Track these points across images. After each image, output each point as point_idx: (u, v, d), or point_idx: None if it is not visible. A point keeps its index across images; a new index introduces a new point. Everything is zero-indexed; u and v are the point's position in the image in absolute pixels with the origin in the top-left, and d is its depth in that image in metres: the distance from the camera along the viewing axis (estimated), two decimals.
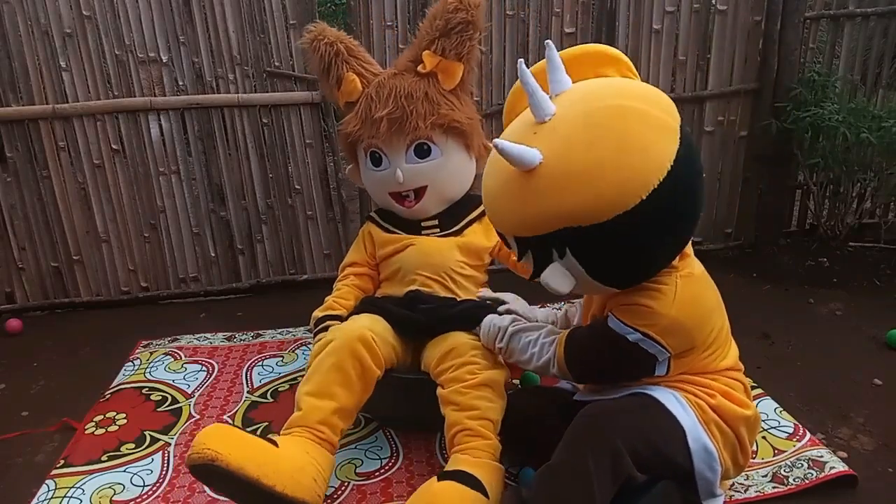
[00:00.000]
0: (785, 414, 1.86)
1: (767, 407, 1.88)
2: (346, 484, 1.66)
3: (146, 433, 1.90)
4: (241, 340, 2.46)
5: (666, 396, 1.39)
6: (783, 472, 1.63)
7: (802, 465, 1.65)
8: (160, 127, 2.64)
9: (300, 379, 2.11)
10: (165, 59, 2.57)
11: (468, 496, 1.43)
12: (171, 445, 1.85)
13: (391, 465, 1.74)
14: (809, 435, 1.76)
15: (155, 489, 1.68)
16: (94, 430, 1.93)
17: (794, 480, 1.60)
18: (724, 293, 1.46)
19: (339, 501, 1.61)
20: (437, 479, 1.47)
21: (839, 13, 2.86)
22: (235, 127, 2.68)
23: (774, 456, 1.69)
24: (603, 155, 1.22)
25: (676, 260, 1.38)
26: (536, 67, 1.42)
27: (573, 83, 1.38)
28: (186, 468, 1.42)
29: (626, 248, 1.28)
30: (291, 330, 2.51)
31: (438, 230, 1.94)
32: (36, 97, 2.54)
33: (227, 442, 1.39)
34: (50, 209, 2.66)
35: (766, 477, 1.61)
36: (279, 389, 2.11)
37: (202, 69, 2.61)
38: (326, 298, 1.95)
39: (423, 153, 1.86)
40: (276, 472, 1.40)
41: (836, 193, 2.95)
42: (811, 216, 3.08)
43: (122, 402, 2.07)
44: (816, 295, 2.60)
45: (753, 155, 2.93)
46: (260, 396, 2.08)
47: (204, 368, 2.25)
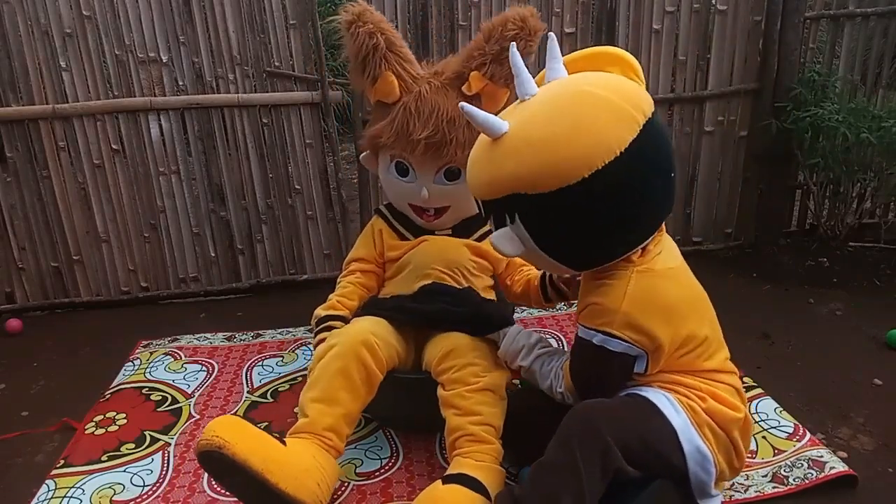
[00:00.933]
0: (785, 414, 1.86)
1: (767, 407, 1.88)
2: (346, 484, 1.66)
3: (146, 433, 1.90)
4: (241, 340, 2.46)
5: (657, 397, 1.40)
6: (783, 471, 1.63)
7: (802, 465, 1.65)
8: (160, 127, 2.64)
9: (300, 379, 2.15)
10: (165, 59, 2.57)
11: (473, 500, 1.43)
12: (171, 445, 1.85)
13: (391, 465, 1.74)
14: (809, 435, 1.76)
15: (155, 489, 1.68)
16: (94, 430, 1.93)
17: (794, 480, 1.60)
18: (724, 293, 1.47)
19: (339, 501, 1.61)
20: (441, 482, 1.47)
21: (839, 13, 2.86)
22: (235, 127, 2.68)
23: (774, 456, 1.69)
24: (557, 130, 1.30)
25: (637, 255, 1.39)
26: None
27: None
28: (195, 455, 1.45)
29: (566, 222, 1.34)
30: (291, 330, 2.51)
31: (451, 234, 1.92)
32: (36, 97, 2.54)
33: (236, 433, 1.40)
34: (50, 209, 2.66)
35: (766, 477, 1.62)
36: (279, 389, 2.11)
37: (202, 69, 2.61)
38: (330, 296, 1.91)
39: (452, 176, 1.80)
40: (280, 469, 1.40)
41: (836, 193, 2.95)
42: (811, 216, 3.07)
43: (122, 402, 2.07)
44: (816, 295, 2.60)
45: (753, 155, 2.93)
46: (260, 396, 2.08)
47: (204, 368, 2.25)
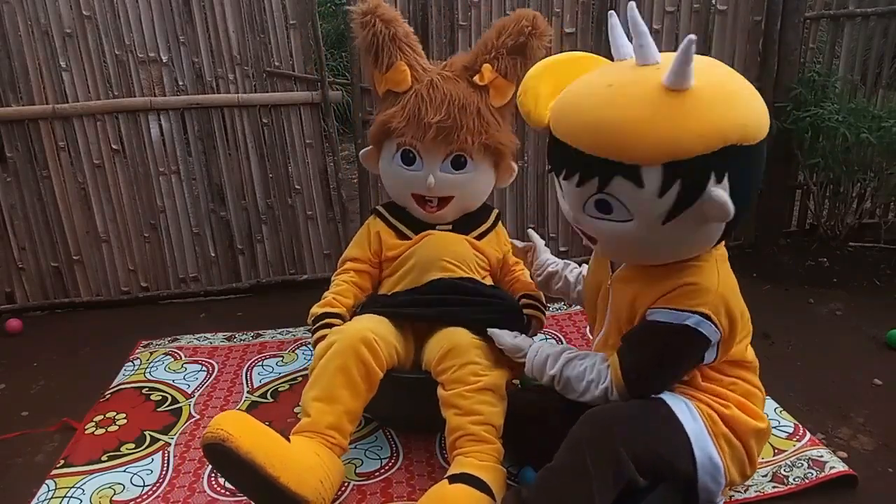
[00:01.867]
0: (785, 414, 1.86)
1: (767, 407, 1.86)
2: (346, 484, 1.66)
3: (146, 433, 1.90)
4: (241, 340, 2.46)
5: (677, 403, 1.38)
6: (783, 471, 1.63)
7: (802, 464, 1.65)
8: (160, 127, 2.64)
9: (300, 379, 2.15)
10: (165, 59, 2.57)
11: (480, 500, 1.43)
12: (171, 445, 1.85)
13: (391, 465, 1.74)
14: (809, 435, 1.77)
15: (155, 489, 1.68)
16: (94, 430, 1.93)
17: (794, 480, 1.60)
18: None
19: (339, 501, 1.61)
20: (448, 482, 1.47)
21: (839, 13, 2.86)
22: (235, 127, 2.68)
23: (774, 456, 1.69)
24: (744, 86, 1.26)
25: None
26: (549, 68, 1.43)
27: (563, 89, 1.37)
28: (200, 447, 1.47)
29: (754, 182, 1.28)
30: (291, 330, 2.51)
31: (451, 230, 1.92)
32: (36, 97, 2.53)
33: (241, 427, 1.42)
34: (50, 209, 2.66)
35: (766, 477, 1.62)
36: (279, 389, 2.11)
37: (202, 69, 2.61)
38: (325, 294, 1.92)
39: (459, 165, 1.82)
40: (283, 464, 1.41)
41: (836, 193, 2.95)
42: (811, 216, 3.07)
43: (122, 402, 2.07)
44: (816, 295, 2.60)
45: None
46: (260, 396, 2.08)
47: (204, 368, 2.25)
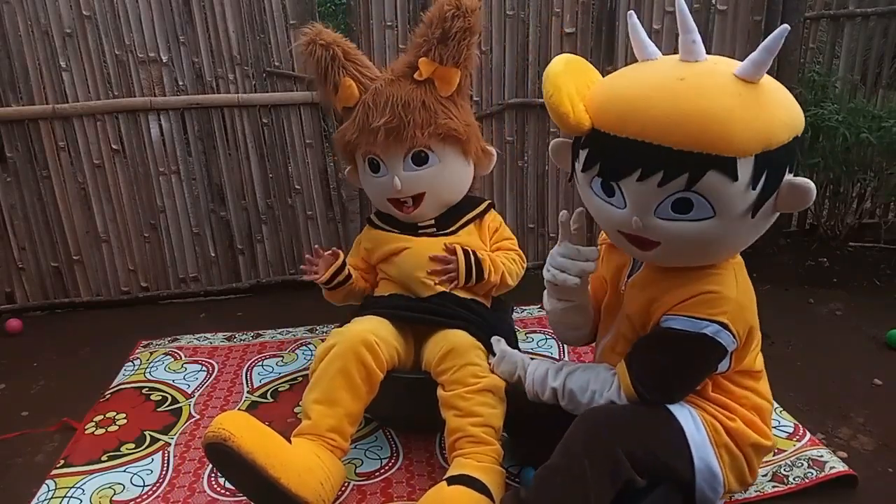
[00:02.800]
0: (785, 414, 1.86)
1: None
2: (346, 484, 1.66)
3: (146, 433, 1.90)
4: (241, 340, 2.46)
5: (681, 411, 1.37)
6: (783, 471, 1.63)
7: (802, 464, 1.65)
8: (160, 127, 2.64)
9: (300, 379, 2.15)
10: (165, 59, 2.57)
11: (479, 501, 1.43)
12: (171, 445, 1.85)
13: (391, 465, 1.74)
14: (809, 435, 1.77)
15: (155, 489, 1.68)
16: (94, 430, 1.93)
17: (794, 480, 1.60)
18: None
19: (339, 501, 1.61)
20: (446, 483, 1.47)
21: (839, 13, 2.86)
22: (235, 127, 2.68)
23: (774, 456, 1.68)
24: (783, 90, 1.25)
25: None
26: (569, 65, 1.29)
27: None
28: (201, 446, 1.47)
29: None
30: (291, 330, 2.51)
31: (435, 230, 1.94)
32: (36, 97, 2.54)
33: (242, 427, 1.42)
34: (50, 209, 2.66)
35: (766, 476, 1.61)
36: (279, 389, 2.11)
37: (202, 69, 2.61)
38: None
39: (420, 161, 1.84)
40: (283, 465, 1.42)
41: (836, 193, 2.95)
42: (811, 216, 3.08)
43: (122, 402, 2.07)
44: (816, 295, 2.60)
45: None
46: (260, 396, 2.08)
47: (204, 368, 2.25)
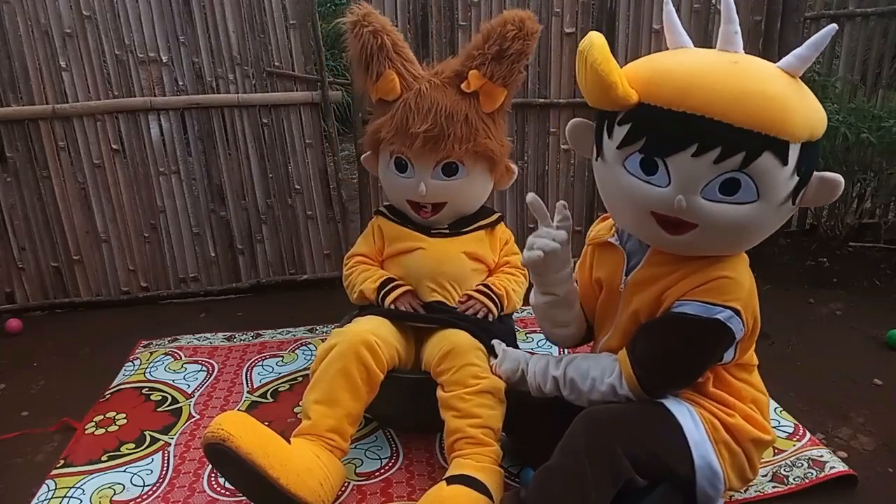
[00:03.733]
0: (785, 414, 1.86)
1: None
2: (346, 484, 1.66)
3: (146, 433, 1.90)
4: (241, 340, 2.46)
5: (679, 408, 1.37)
6: (783, 471, 1.63)
7: (802, 464, 1.65)
8: (160, 127, 2.64)
9: (300, 379, 2.15)
10: (165, 59, 2.57)
11: (478, 501, 1.44)
12: (171, 445, 1.85)
13: (391, 465, 1.74)
14: (809, 435, 1.77)
15: (155, 489, 1.68)
16: (94, 430, 1.93)
17: (794, 480, 1.60)
18: None
19: (339, 501, 1.61)
20: (446, 483, 1.47)
21: (839, 13, 2.86)
22: (235, 127, 2.68)
23: (774, 456, 1.69)
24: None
25: None
26: (600, 52, 1.22)
27: None
28: (200, 446, 1.48)
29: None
30: (291, 330, 2.51)
31: (448, 231, 1.92)
32: (36, 97, 2.53)
33: (242, 427, 1.42)
34: (50, 209, 2.66)
35: (766, 477, 1.62)
36: (279, 389, 2.11)
37: (202, 69, 2.61)
38: (354, 286, 1.88)
39: (450, 172, 1.81)
40: (282, 465, 1.42)
41: None
42: (811, 216, 3.08)
43: (122, 402, 2.07)
44: (816, 295, 2.60)
45: None
46: (260, 396, 2.08)
47: (204, 368, 2.25)
